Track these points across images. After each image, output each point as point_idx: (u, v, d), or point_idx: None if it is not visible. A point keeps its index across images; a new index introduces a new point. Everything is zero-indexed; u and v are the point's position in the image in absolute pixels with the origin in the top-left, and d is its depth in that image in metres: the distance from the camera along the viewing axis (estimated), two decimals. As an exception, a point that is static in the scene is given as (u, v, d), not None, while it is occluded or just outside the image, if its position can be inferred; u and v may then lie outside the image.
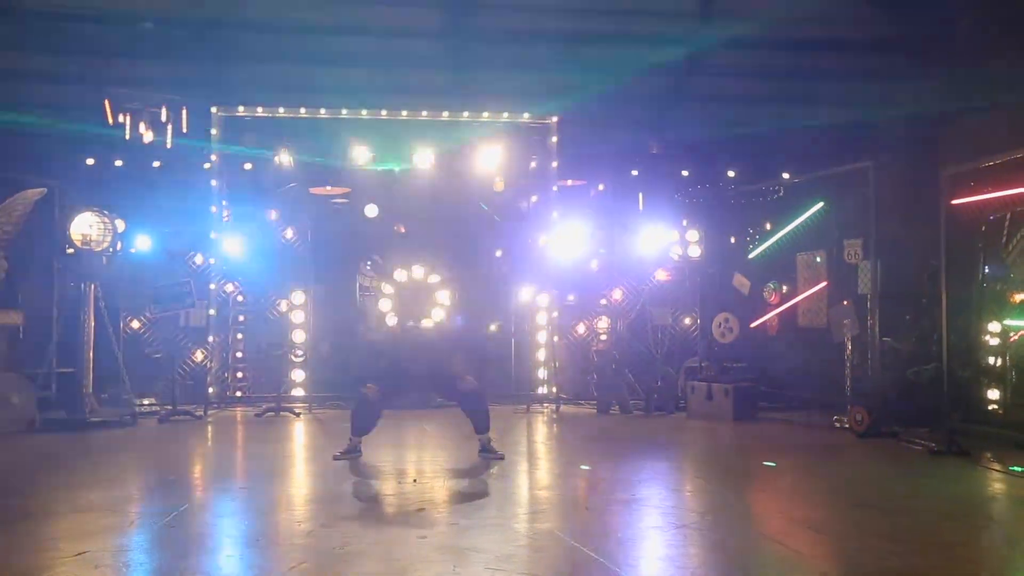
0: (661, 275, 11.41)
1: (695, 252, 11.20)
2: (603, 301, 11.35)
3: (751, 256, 11.11)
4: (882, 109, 11.75)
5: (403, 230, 11.99)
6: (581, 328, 11.41)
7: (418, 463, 7.36)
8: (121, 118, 10.73)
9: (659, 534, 4.99)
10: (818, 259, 10.16)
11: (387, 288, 11.47)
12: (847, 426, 8.79)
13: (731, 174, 12.28)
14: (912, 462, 7.40)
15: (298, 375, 10.85)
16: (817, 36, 12.15)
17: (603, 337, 11.15)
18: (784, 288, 10.70)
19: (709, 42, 12.66)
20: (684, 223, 11.37)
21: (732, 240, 11.48)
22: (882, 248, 9.02)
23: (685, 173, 12.45)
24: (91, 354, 9.40)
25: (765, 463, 7.25)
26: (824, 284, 10.04)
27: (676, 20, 12.31)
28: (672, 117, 13.54)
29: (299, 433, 9.18)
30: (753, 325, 10.70)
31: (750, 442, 8.60)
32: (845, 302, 9.33)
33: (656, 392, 10.63)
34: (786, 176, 11.26)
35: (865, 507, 5.63)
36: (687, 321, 11.44)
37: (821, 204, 10.16)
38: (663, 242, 11.24)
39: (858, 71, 12.74)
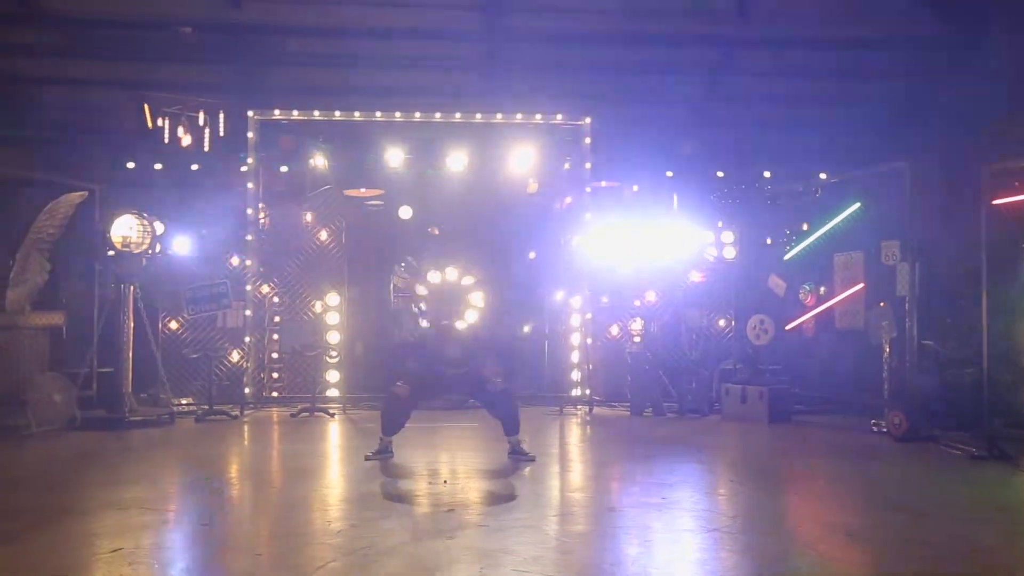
0: (695, 276, 11.33)
1: (730, 253, 11.10)
2: (637, 302, 11.29)
3: (787, 257, 10.98)
4: (920, 107, 11.57)
5: (437, 232, 12.05)
6: (615, 329, 11.36)
7: (449, 464, 7.38)
8: (160, 122, 10.93)
9: (690, 537, 4.95)
10: (855, 260, 10.01)
11: (421, 290, 11.53)
12: (885, 430, 8.65)
13: (767, 174, 12.15)
14: (952, 467, 7.26)
15: (333, 376, 10.93)
16: (855, 34, 11.99)
17: (637, 339, 11.09)
18: (821, 289, 10.56)
19: (745, 41, 12.57)
20: (719, 224, 11.28)
21: (768, 241, 11.35)
22: (920, 249, 8.86)
23: (720, 174, 12.35)
24: (130, 354, 9.56)
25: (799, 466, 7.15)
26: (861, 286, 9.89)
27: (711, 19, 12.23)
28: (707, 117, 13.44)
29: (333, 433, 9.25)
30: (789, 327, 10.57)
31: (785, 445, 8.50)
32: (882, 304, 9.19)
33: (690, 394, 10.54)
34: (823, 176, 11.12)
35: (902, 512, 5.53)
36: (722, 323, 11.35)
37: (858, 204, 10.02)
38: (697, 243, 11.15)
39: (896, 69, 12.56)
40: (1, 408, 8.76)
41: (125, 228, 9.40)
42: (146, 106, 11.09)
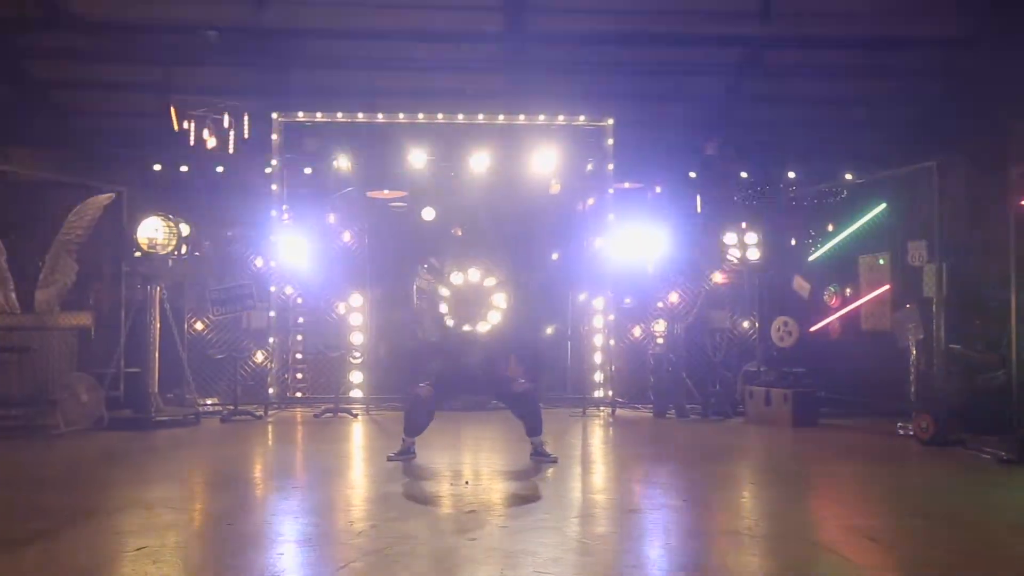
0: (719, 278, 11.28)
1: (754, 255, 11.02)
2: (660, 304, 11.26)
3: (811, 258, 10.90)
4: (949, 107, 11.44)
5: (460, 233, 12.06)
6: (637, 331, 11.33)
7: (471, 465, 7.39)
8: (186, 125, 11.04)
9: (712, 540, 4.93)
10: (881, 261, 9.92)
11: (443, 291, 11.54)
12: (911, 433, 8.56)
13: (791, 175, 12.07)
14: (980, 471, 7.16)
15: (356, 377, 10.99)
16: (881, 33, 11.88)
17: (660, 340, 11.05)
18: (846, 291, 10.47)
19: (769, 40, 12.48)
20: (743, 225, 11.20)
21: (792, 242, 11.27)
22: (948, 250, 8.75)
23: (744, 174, 12.28)
24: (156, 355, 9.66)
25: (822, 469, 7.09)
26: (887, 287, 9.80)
27: (735, 19, 12.16)
28: (730, 118, 13.37)
29: (356, 434, 9.30)
30: (813, 329, 10.49)
31: (809, 448, 8.43)
32: (908, 305, 9.09)
33: (714, 396, 10.49)
34: (848, 177, 11.03)
35: (928, 517, 5.47)
36: (745, 325, 11.28)
37: (884, 205, 9.92)
38: (721, 245, 11.09)
39: (924, 69, 12.43)
40: (31, 408, 8.89)
41: (151, 230, 9.49)
42: (172, 109, 11.21)
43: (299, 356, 11.22)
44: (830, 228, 10.87)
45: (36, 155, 14.03)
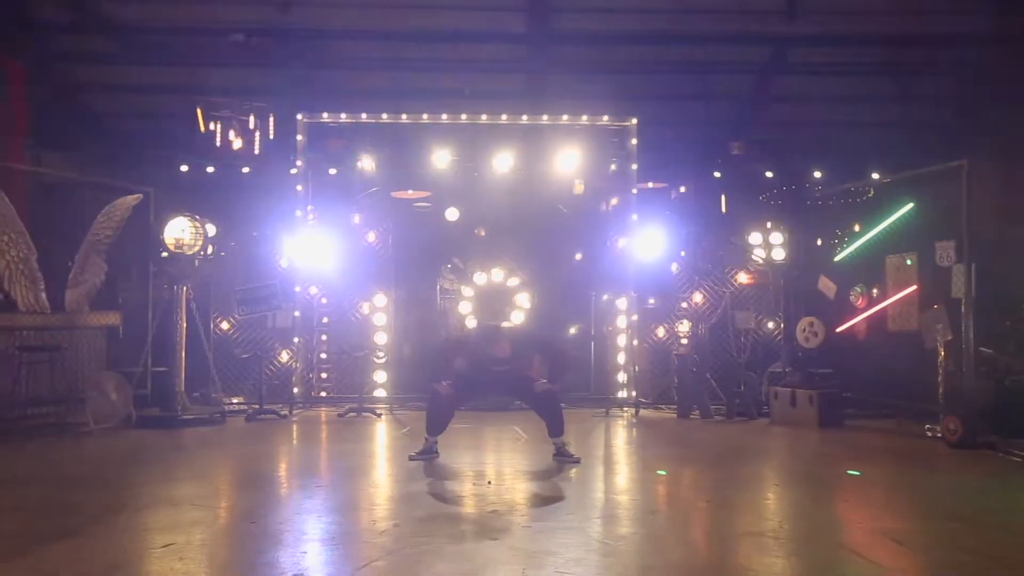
0: (744, 278, 11.20)
1: (779, 255, 10.94)
2: (684, 304, 11.20)
3: (837, 259, 10.79)
4: (978, 104, 11.30)
5: (483, 233, 12.08)
6: (661, 332, 11.28)
7: (494, 465, 7.39)
8: (212, 126, 11.15)
9: (735, 541, 4.90)
10: (908, 262, 9.80)
11: (467, 291, 11.58)
12: (939, 436, 8.46)
13: (817, 174, 11.98)
14: (1009, 474, 7.07)
15: (380, 376, 11.04)
16: (909, 30, 11.77)
17: (684, 341, 11.01)
18: (873, 292, 10.36)
19: (795, 39, 12.41)
20: (768, 225, 11.11)
21: (818, 242, 11.17)
22: (977, 250, 8.63)
23: (769, 174, 12.21)
24: (183, 354, 9.76)
25: (849, 471, 7.02)
26: (915, 288, 9.67)
27: (761, 18, 12.10)
28: (756, 117, 13.31)
29: (380, 434, 9.34)
30: (839, 330, 10.38)
31: (835, 450, 8.35)
32: (936, 306, 8.98)
33: (738, 397, 10.43)
34: (875, 176, 10.92)
35: (956, 520, 5.40)
36: (770, 325, 11.20)
37: (911, 205, 9.81)
38: (746, 245, 11.02)
39: (952, 65, 12.29)
40: (61, 405, 9.01)
41: (178, 230, 9.58)
42: (199, 110, 11.33)
43: (323, 356, 11.29)
44: (856, 228, 10.75)
45: (68, 157, 14.24)
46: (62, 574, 4.21)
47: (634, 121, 11.23)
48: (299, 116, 11.24)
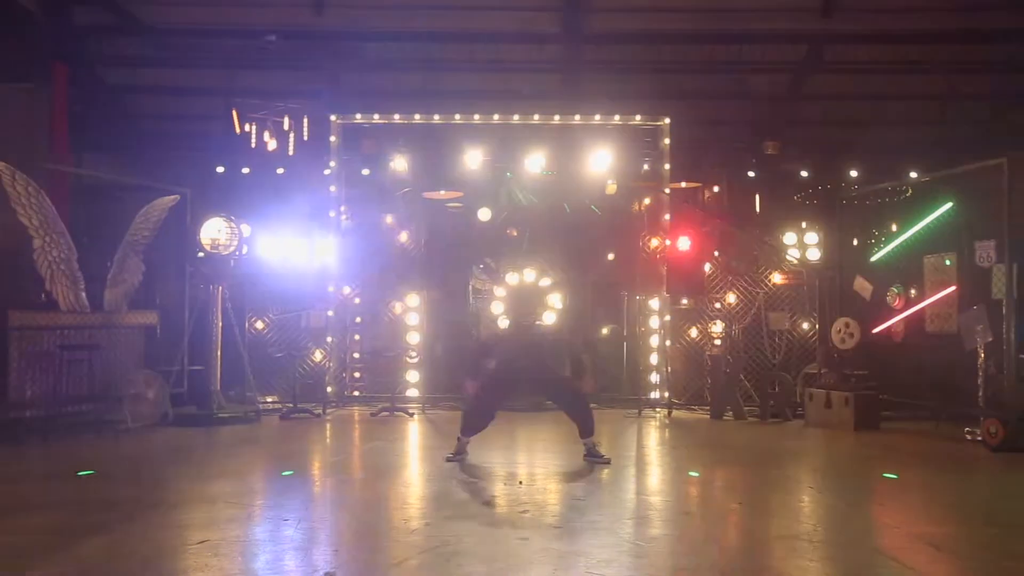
0: (778, 278, 11.09)
1: (814, 255, 10.83)
2: (717, 305, 11.12)
3: (874, 259, 10.65)
4: (1018, 101, 11.09)
5: (515, 233, 12.09)
6: (694, 332, 11.20)
7: (525, 465, 7.39)
8: (247, 128, 11.28)
9: (769, 544, 4.86)
10: (947, 262, 9.65)
11: (499, 291, 11.59)
12: (979, 439, 8.31)
13: (853, 173, 11.83)
14: (1051, 479, 6.93)
15: (412, 376, 11.09)
16: (948, 27, 11.58)
17: (717, 341, 10.92)
18: (911, 292, 10.21)
19: (831, 36, 12.26)
20: (803, 225, 11.00)
21: (854, 242, 11.03)
22: (1018, 250, 8.47)
23: (804, 173, 12.08)
24: (219, 353, 9.88)
25: (885, 475, 6.92)
26: (954, 288, 9.53)
27: (796, 15, 11.98)
28: (791, 116, 13.18)
29: (412, 433, 9.37)
30: (876, 331, 10.25)
31: (871, 452, 8.23)
32: (975, 307, 8.82)
33: (772, 398, 10.33)
34: (913, 174, 10.76)
35: (996, 525, 5.31)
36: (805, 326, 11.07)
37: (951, 204, 9.65)
38: (780, 245, 10.91)
39: (990, 61, 12.08)
40: (100, 403, 9.16)
41: (214, 231, 9.70)
42: (234, 112, 11.47)
43: (356, 355, 11.36)
44: (894, 227, 10.61)
45: (107, 159, 14.50)
46: (100, 569, 4.27)
47: (667, 121, 11.16)
48: (332, 117, 11.33)
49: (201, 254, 9.80)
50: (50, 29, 12.50)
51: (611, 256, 11.71)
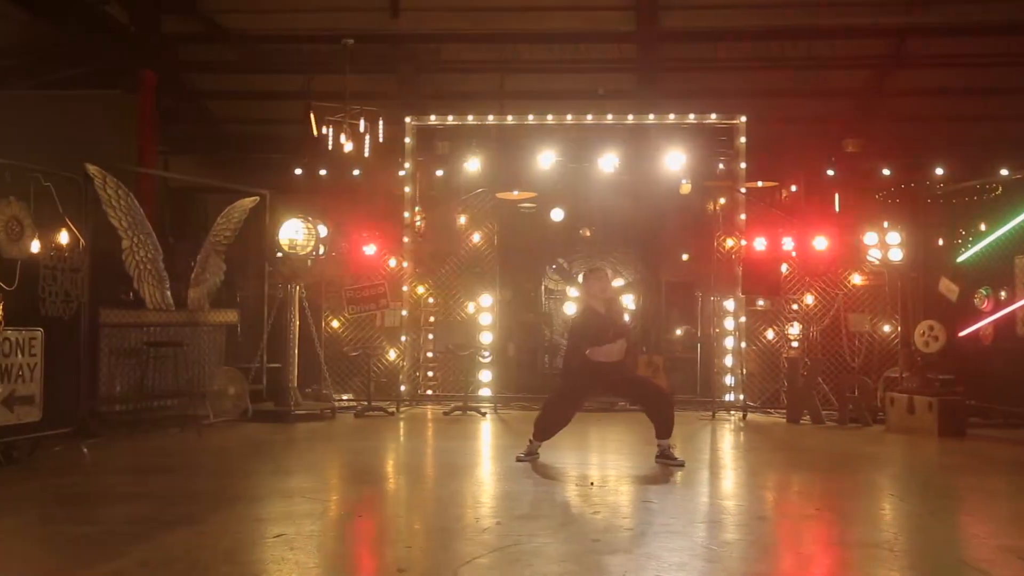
0: (858, 279, 10.79)
1: (896, 255, 10.49)
2: (794, 306, 10.88)
3: (961, 259, 10.27)
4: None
5: (588, 234, 12.06)
6: (770, 334, 10.98)
7: (597, 466, 7.36)
8: (324, 130, 11.50)
9: (847, 552, 4.73)
10: (1041, 263, 9.24)
11: (572, 291, 11.57)
12: (1074, 448, 7.95)
13: (939, 171, 11.44)
14: None
15: (485, 376, 11.14)
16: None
17: (794, 343, 10.69)
18: (1001, 294, 9.81)
19: (916, 30, 11.89)
20: (885, 224, 10.67)
21: (939, 242, 10.66)
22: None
23: (887, 172, 11.73)
24: (296, 351, 10.10)
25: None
26: (1047, 290, 9.12)
27: (879, 8, 11.65)
28: (872, 112, 12.82)
29: (484, 432, 9.43)
30: (962, 334, 9.87)
31: (956, 460, 7.94)
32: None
33: (851, 402, 10.05)
34: (1003, 172, 10.34)
35: (1090, 538, 5.06)
36: (886, 328, 10.74)
37: (1045, 202, 9.25)
38: (860, 245, 10.62)
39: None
40: (183, 399, 9.47)
41: (292, 231, 9.91)
42: (312, 115, 11.71)
43: (430, 354, 11.47)
44: (983, 227, 10.21)
45: (191, 162, 15.00)
46: (184, 559, 4.42)
47: (743, 119, 10.97)
48: (407, 119, 11.47)
49: (279, 254, 10.03)
50: (140, 38, 13.00)
51: (685, 256, 11.57)
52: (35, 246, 7.25)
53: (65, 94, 13.36)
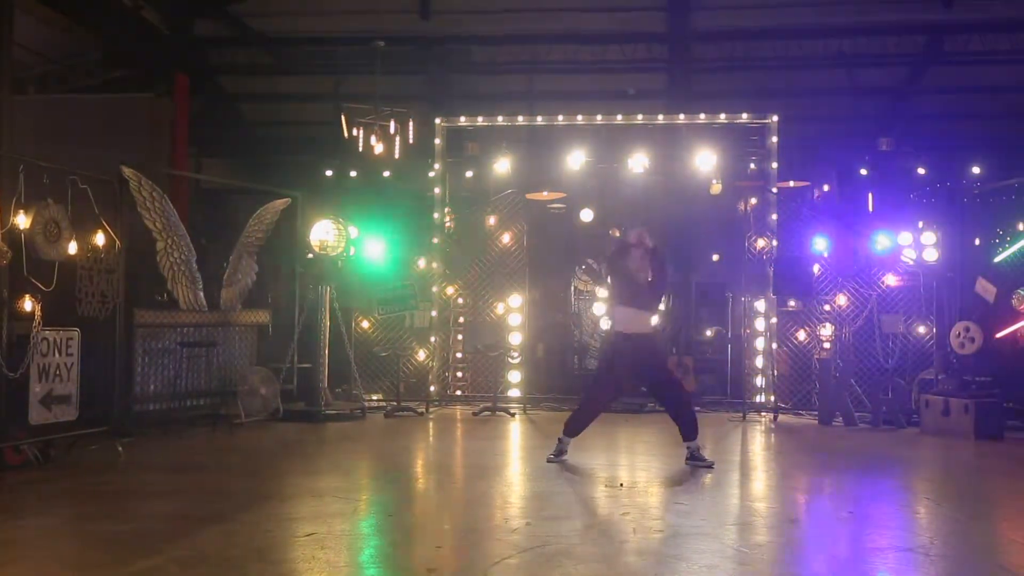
0: (892, 280, 10.64)
1: (931, 256, 10.34)
2: (826, 307, 10.75)
3: (998, 259, 10.09)
4: None
5: (618, 234, 11.98)
6: (801, 335, 10.87)
7: (627, 467, 7.33)
8: (355, 132, 11.57)
9: (878, 556, 4.67)
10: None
11: (602, 292, 11.54)
12: (1115, 451, 7.78)
13: (976, 170, 11.25)
14: None
15: (514, 376, 11.14)
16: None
17: (826, 345, 10.56)
18: (1040, 295, 9.63)
19: (952, 26, 11.73)
20: (919, 224, 10.52)
21: (976, 242, 10.48)
22: None
23: (921, 171, 11.56)
24: (326, 351, 10.17)
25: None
26: (1088, 291, 8.95)
27: (914, 6, 11.50)
28: (907, 110, 12.65)
29: (514, 433, 9.42)
30: (999, 335, 9.71)
31: (992, 463, 7.81)
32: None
33: (885, 404, 9.92)
34: (1043, 170, 10.16)
35: None
36: (921, 329, 10.57)
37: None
38: (894, 245, 10.47)
39: None
40: (216, 398, 9.57)
41: (323, 232, 9.98)
42: (343, 117, 11.78)
43: (459, 355, 11.49)
44: (1021, 227, 10.03)
45: (224, 164, 15.17)
46: (217, 556, 4.47)
47: (775, 118, 10.87)
48: (437, 120, 11.50)
49: (310, 255, 10.11)
50: (173, 42, 13.17)
51: (716, 257, 11.49)
52: (72, 248, 7.38)
53: (100, 98, 13.57)
